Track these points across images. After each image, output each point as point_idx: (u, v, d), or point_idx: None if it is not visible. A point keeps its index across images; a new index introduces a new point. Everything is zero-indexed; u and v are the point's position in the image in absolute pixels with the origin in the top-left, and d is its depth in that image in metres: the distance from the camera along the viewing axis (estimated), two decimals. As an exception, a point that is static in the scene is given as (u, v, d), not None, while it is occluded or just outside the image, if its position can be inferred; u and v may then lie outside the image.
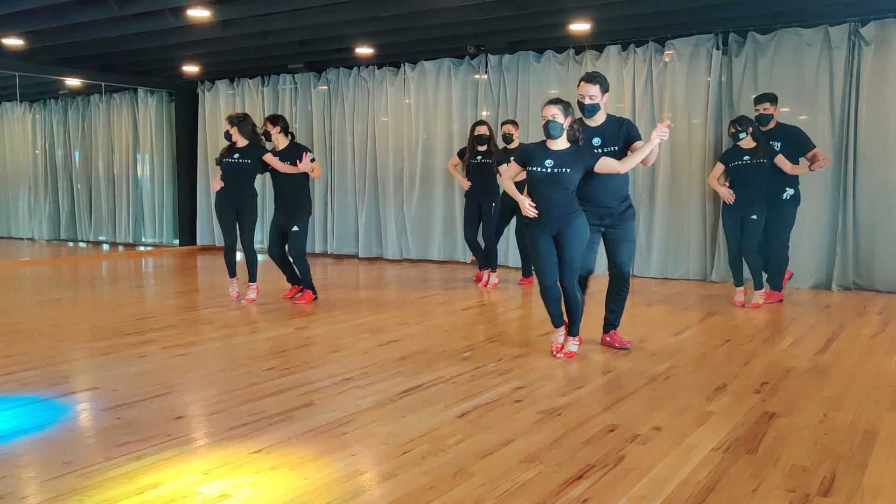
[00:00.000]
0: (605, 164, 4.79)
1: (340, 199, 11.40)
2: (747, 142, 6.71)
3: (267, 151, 7.04)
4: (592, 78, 4.97)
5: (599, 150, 4.94)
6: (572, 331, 5.04)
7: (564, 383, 4.37)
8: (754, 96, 7.37)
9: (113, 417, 3.78)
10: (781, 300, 7.09)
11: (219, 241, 11.79)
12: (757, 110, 7.00)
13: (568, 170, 4.74)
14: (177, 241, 13.14)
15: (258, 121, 12.00)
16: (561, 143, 4.83)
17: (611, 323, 5.27)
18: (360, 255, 11.17)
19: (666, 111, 8.74)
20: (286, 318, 6.50)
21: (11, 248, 13.85)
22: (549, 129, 4.77)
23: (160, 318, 6.54)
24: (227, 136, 7.09)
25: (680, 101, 8.67)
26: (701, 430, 3.54)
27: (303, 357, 5.03)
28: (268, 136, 7.11)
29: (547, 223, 4.81)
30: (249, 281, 7.22)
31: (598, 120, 5.03)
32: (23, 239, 14.64)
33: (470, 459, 3.17)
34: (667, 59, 8.73)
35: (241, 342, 5.55)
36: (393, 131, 10.79)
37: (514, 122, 8.14)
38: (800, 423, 3.64)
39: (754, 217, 6.71)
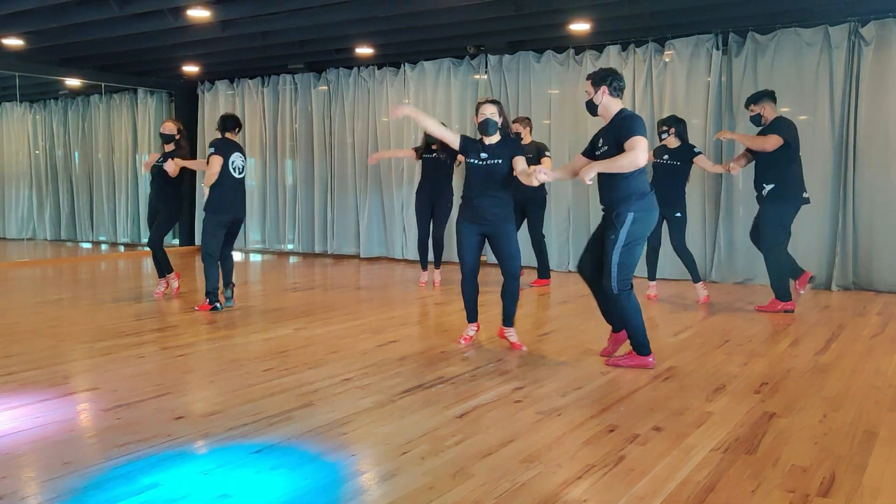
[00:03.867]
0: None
1: (341, 199, 11.40)
2: (671, 141, 6.99)
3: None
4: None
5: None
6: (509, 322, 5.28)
7: (564, 383, 4.37)
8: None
9: (113, 418, 3.78)
10: (788, 310, 6.47)
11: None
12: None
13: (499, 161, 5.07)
14: (176, 242, 13.14)
15: (259, 123, 12.03)
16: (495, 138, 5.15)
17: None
18: (361, 256, 11.17)
19: (666, 111, 8.73)
20: (286, 318, 6.50)
21: (11, 249, 13.86)
22: (487, 126, 5.08)
23: (160, 318, 6.54)
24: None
25: (680, 101, 8.67)
26: (700, 431, 3.54)
27: (302, 357, 5.03)
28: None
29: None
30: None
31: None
32: (23, 239, 14.64)
33: (469, 460, 3.17)
34: (667, 59, 8.73)
35: (241, 342, 5.55)
36: (393, 131, 10.79)
37: (524, 119, 8.07)
38: (800, 424, 3.64)
39: (679, 215, 7.01)
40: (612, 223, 4.64)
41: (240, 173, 6.79)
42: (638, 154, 4.42)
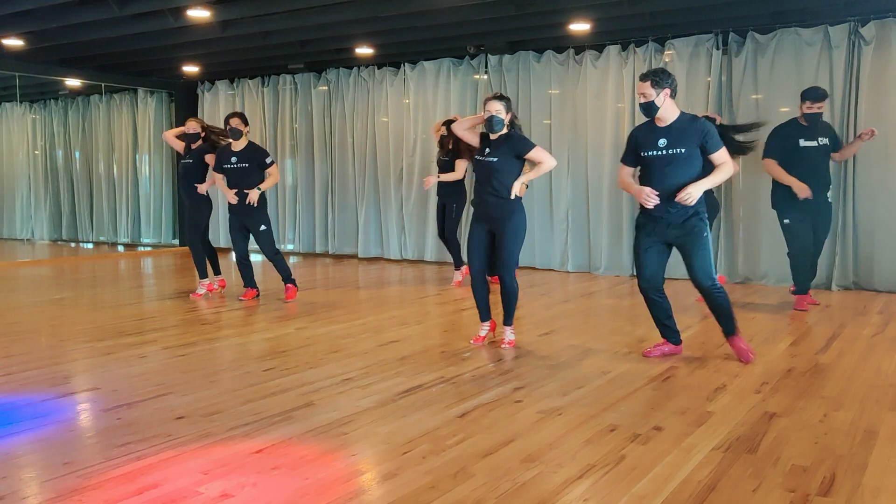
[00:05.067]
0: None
1: (341, 199, 11.40)
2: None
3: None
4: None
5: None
6: (509, 321, 5.35)
7: (564, 383, 4.37)
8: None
9: (113, 418, 3.78)
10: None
11: (219, 242, 11.78)
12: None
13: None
14: (176, 241, 13.14)
15: (259, 123, 12.03)
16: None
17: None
18: (360, 255, 11.17)
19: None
20: (286, 318, 6.50)
21: (12, 249, 13.85)
22: (492, 123, 5.11)
23: (160, 318, 6.54)
24: (237, 134, 7.11)
25: (680, 101, 8.61)
26: (701, 430, 3.54)
27: (303, 357, 5.03)
28: (237, 134, 7.11)
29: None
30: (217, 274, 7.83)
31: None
32: (23, 239, 14.64)
33: (470, 459, 3.17)
34: (667, 59, 8.73)
35: (242, 342, 5.55)
36: (393, 131, 10.79)
37: None
38: (800, 423, 3.64)
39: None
40: (694, 228, 4.68)
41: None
42: (731, 164, 4.73)
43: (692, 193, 4.54)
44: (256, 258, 9.01)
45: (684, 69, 8.61)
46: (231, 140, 7.11)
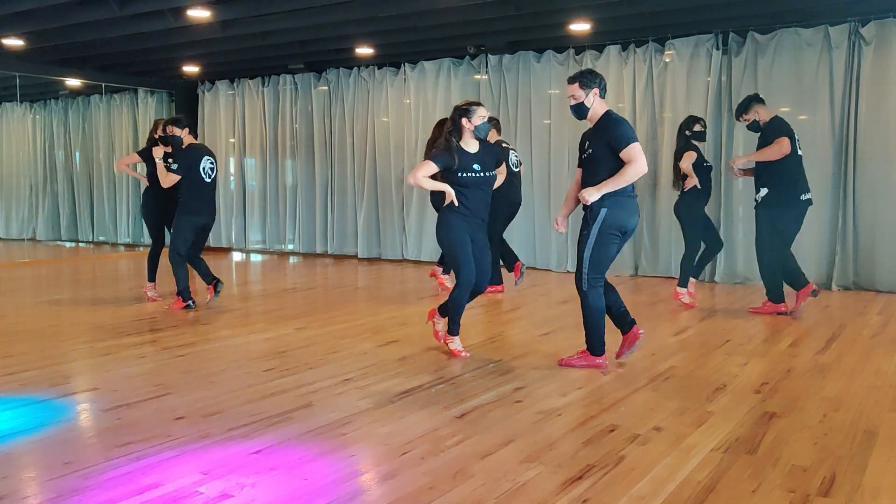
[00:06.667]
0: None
1: (340, 199, 11.41)
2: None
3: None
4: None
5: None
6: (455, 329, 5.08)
7: (564, 383, 4.37)
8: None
9: (113, 418, 3.78)
10: (781, 312, 6.39)
11: (215, 242, 11.78)
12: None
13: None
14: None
15: (259, 123, 12.04)
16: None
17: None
18: (360, 256, 11.17)
19: (666, 111, 8.74)
20: (286, 318, 6.50)
21: (11, 249, 13.85)
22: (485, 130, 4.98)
23: (160, 318, 6.54)
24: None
25: (680, 101, 8.67)
26: (701, 431, 3.54)
27: (302, 358, 5.03)
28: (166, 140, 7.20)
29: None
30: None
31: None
32: (23, 239, 14.64)
33: (470, 460, 3.17)
34: (667, 59, 8.73)
35: (241, 342, 5.55)
36: (393, 131, 10.79)
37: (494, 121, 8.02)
38: (800, 423, 3.64)
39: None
40: (586, 220, 4.66)
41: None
42: (641, 163, 4.48)
43: (585, 196, 4.55)
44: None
45: (684, 69, 8.61)
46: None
